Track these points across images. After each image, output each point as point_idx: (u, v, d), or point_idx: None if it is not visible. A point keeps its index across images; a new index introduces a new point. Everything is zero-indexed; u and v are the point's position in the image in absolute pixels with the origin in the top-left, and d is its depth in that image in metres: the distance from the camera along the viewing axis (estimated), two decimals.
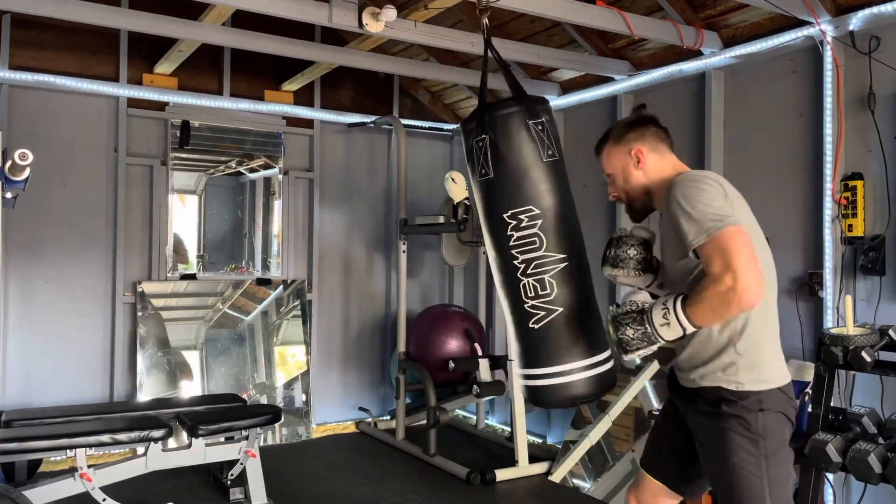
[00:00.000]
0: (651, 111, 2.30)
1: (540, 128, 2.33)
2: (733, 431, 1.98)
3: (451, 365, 4.66)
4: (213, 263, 5.32)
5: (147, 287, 4.97)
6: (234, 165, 5.37)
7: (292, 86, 5.44)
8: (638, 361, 2.29)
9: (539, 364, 2.27)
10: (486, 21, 2.59)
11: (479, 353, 4.95)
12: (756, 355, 2.03)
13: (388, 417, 5.67)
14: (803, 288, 3.61)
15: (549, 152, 2.33)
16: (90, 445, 3.36)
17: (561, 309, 2.24)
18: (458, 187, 4.57)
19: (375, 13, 3.58)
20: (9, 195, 3.03)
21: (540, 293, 2.25)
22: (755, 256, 1.88)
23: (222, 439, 3.84)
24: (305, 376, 5.38)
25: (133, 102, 4.97)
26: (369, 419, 5.55)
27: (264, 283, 5.38)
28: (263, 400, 5.18)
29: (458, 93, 5.89)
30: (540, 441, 5.18)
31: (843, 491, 3.37)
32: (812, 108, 3.62)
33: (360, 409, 5.64)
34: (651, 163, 2.17)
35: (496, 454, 4.81)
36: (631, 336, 1.99)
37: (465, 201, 4.67)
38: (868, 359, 2.54)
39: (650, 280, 2.32)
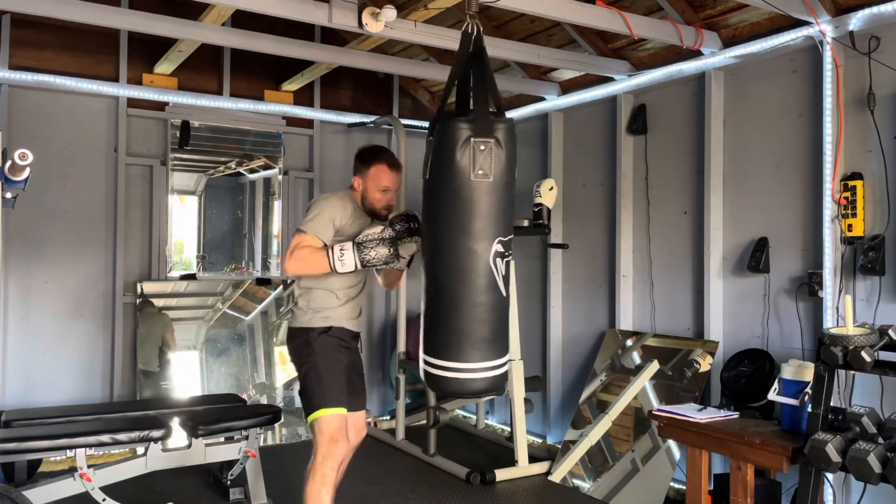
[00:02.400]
0: (651, 111, 2.34)
1: (482, 147, 2.37)
2: None
3: None
4: (213, 263, 5.32)
5: (147, 287, 4.97)
6: (233, 166, 5.38)
7: (292, 86, 5.44)
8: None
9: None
10: (476, 24, 2.60)
11: None
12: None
13: (388, 417, 5.67)
14: (803, 288, 3.61)
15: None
16: (90, 445, 3.36)
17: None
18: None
19: (375, 13, 3.58)
20: (9, 195, 3.02)
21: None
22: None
23: (222, 439, 3.83)
24: None
25: (133, 102, 4.97)
26: (369, 419, 5.55)
27: (264, 283, 5.39)
28: (263, 400, 5.18)
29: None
30: (540, 441, 5.18)
31: (843, 491, 3.37)
32: (812, 108, 3.62)
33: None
34: None
35: (496, 454, 4.81)
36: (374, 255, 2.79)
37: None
38: (868, 359, 2.54)
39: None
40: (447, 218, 2.45)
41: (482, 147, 2.36)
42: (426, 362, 2.52)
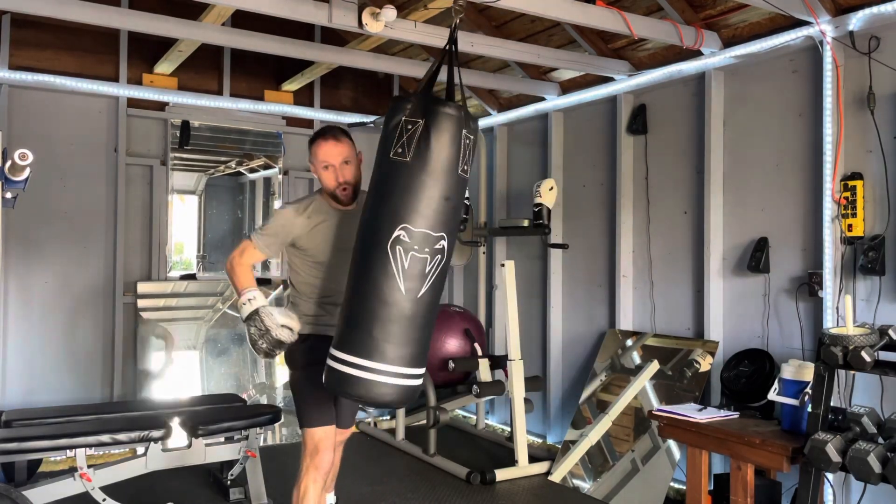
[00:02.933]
0: (651, 111, 2.35)
1: (467, 142, 2.38)
2: None
3: (451, 365, 4.67)
4: (213, 263, 5.32)
5: (147, 287, 4.97)
6: (233, 165, 5.38)
7: (292, 86, 5.44)
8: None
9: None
10: (457, 20, 2.62)
11: (479, 353, 4.95)
12: None
13: (388, 417, 5.67)
14: (803, 288, 3.61)
15: (464, 168, 2.39)
16: (90, 445, 3.36)
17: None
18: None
19: (375, 13, 3.58)
20: (9, 195, 3.02)
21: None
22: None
23: (222, 439, 3.83)
24: None
25: (133, 102, 4.97)
26: (369, 419, 5.55)
27: (264, 283, 5.38)
28: (263, 400, 5.18)
29: (457, 93, 5.88)
30: (540, 441, 5.18)
31: (843, 491, 3.37)
32: (812, 107, 3.62)
33: (361, 408, 5.64)
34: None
35: (496, 454, 4.81)
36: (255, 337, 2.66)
37: (466, 201, 4.67)
38: (868, 359, 2.54)
39: None
40: (368, 196, 2.43)
41: (409, 126, 2.30)
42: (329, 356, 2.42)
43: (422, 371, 2.46)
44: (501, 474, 4.30)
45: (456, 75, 2.55)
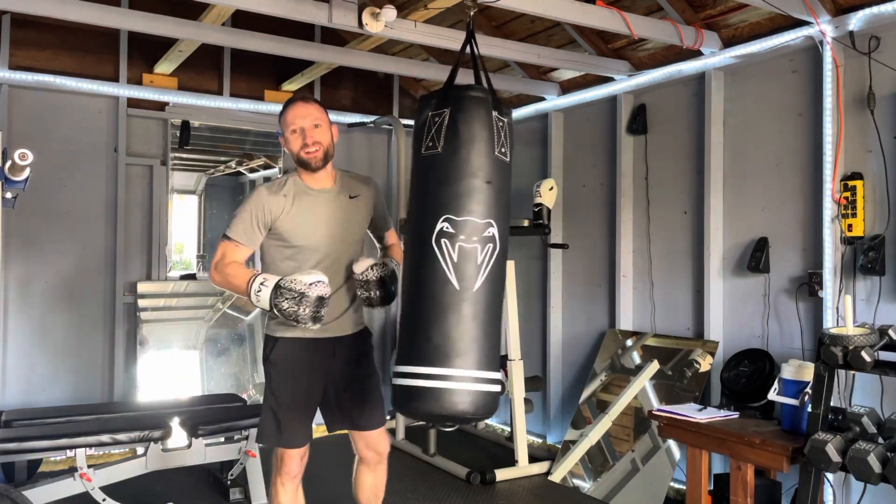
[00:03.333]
0: (651, 111, 2.34)
1: (500, 124, 2.26)
2: None
3: None
4: None
5: (147, 287, 4.97)
6: (233, 165, 5.38)
7: (292, 86, 5.44)
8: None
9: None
10: (472, 14, 2.57)
11: None
12: None
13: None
14: (803, 288, 3.61)
15: (502, 150, 2.25)
16: (90, 445, 3.36)
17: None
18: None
19: (375, 13, 3.58)
20: (9, 195, 3.02)
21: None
22: None
23: (222, 439, 3.84)
24: None
25: (133, 102, 4.97)
26: None
27: None
28: None
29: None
30: (540, 441, 5.18)
31: (843, 491, 3.37)
32: (812, 107, 3.62)
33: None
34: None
35: (496, 454, 4.82)
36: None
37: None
38: (868, 359, 2.54)
39: None
40: (409, 201, 2.30)
41: (436, 119, 2.21)
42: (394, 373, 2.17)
43: (497, 375, 2.18)
44: (501, 474, 4.30)
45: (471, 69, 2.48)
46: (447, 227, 2.10)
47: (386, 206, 2.97)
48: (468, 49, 2.44)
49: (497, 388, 2.17)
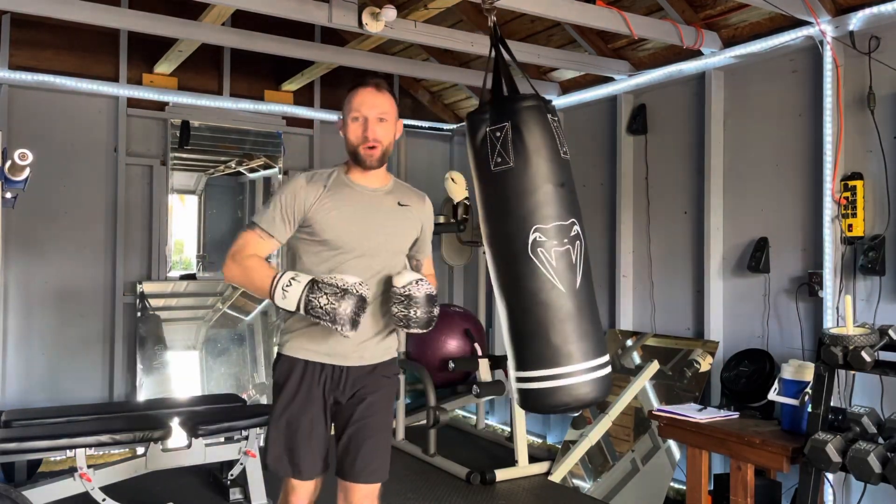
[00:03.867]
0: (651, 111, 2.36)
1: (556, 125, 2.38)
2: None
3: (451, 365, 4.67)
4: (213, 263, 5.32)
5: (147, 287, 4.97)
6: (233, 165, 5.38)
7: (292, 86, 5.44)
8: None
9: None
10: (493, 18, 2.56)
11: (479, 353, 4.95)
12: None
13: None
14: (803, 288, 3.61)
15: (564, 150, 2.39)
16: (90, 445, 3.35)
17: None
18: (457, 187, 4.57)
19: (375, 13, 3.58)
20: (9, 195, 3.02)
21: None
22: None
23: (222, 439, 3.83)
24: None
25: (133, 102, 4.97)
26: None
27: None
28: (263, 400, 5.18)
29: (458, 93, 5.89)
30: (540, 441, 5.18)
31: (843, 491, 3.37)
32: (812, 107, 3.62)
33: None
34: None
35: (496, 454, 4.81)
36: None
37: (465, 201, 4.67)
38: (868, 359, 2.54)
39: None
40: (485, 220, 2.40)
41: (497, 134, 2.29)
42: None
43: (607, 358, 2.38)
44: (501, 474, 4.29)
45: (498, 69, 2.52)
46: (539, 237, 2.27)
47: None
48: (493, 53, 2.52)
49: (609, 369, 2.39)
